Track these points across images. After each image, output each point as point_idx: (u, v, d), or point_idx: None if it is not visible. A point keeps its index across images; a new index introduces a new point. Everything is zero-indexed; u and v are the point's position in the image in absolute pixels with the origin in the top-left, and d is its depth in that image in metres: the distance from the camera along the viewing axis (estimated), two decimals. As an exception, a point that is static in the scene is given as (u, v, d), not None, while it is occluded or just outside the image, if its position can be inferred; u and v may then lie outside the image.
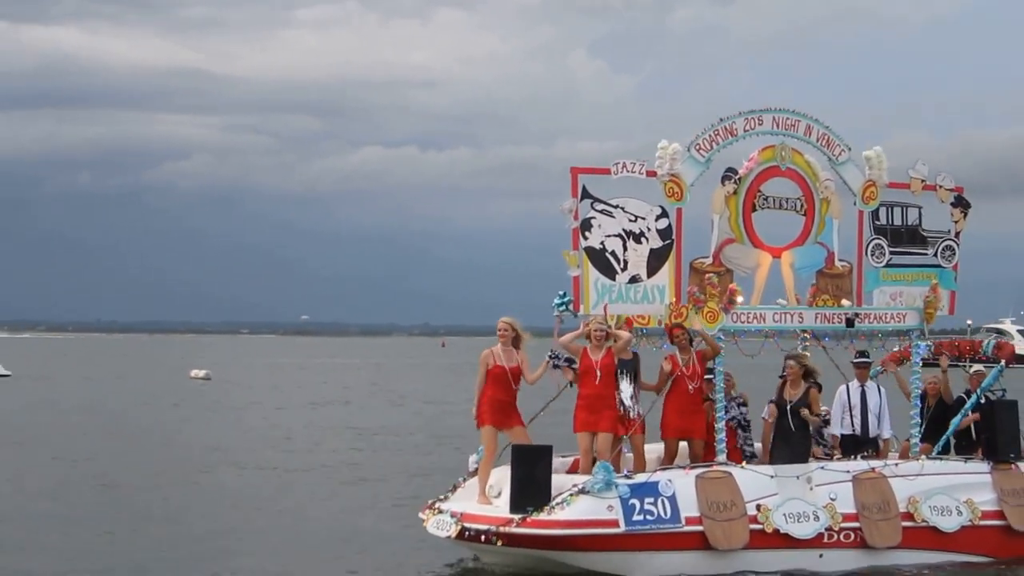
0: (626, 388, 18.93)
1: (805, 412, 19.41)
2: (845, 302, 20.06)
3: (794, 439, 19.53)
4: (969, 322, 24.39)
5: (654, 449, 19.67)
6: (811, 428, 19.65)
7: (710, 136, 19.45)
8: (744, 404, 19.87)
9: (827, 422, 20.15)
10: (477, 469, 19.07)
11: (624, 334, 18.61)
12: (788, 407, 19.51)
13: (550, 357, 18.80)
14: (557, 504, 17.77)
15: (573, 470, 19.12)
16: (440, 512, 18.54)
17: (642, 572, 18.07)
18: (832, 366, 21.40)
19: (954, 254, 21.32)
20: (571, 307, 18.78)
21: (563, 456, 19.23)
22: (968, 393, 21.16)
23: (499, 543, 17.81)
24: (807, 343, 21.60)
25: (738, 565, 18.47)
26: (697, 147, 19.39)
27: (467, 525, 17.99)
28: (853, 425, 20.49)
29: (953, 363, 21.35)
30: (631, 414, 18.94)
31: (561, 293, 18.81)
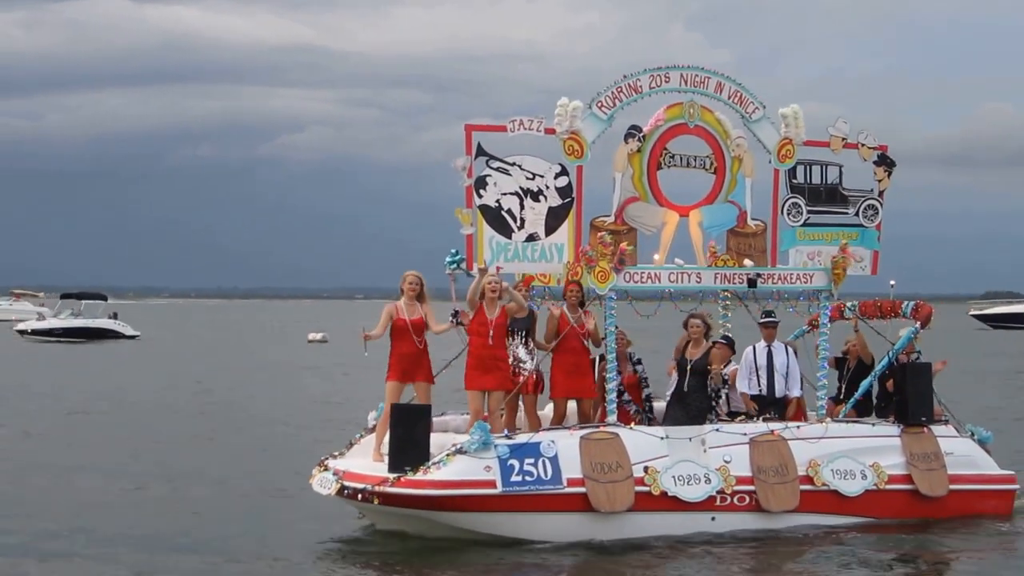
0: (521, 347, 18.45)
1: (715, 370, 18.83)
2: (748, 262, 19.42)
3: (690, 400, 19.05)
4: (892, 283, 23.48)
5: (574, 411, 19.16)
6: (710, 389, 19.06)
7: (613, 93, 18.92)
8: (639, 362, 19.33)
9: (726, 382, 19.50)
10: (375, 426, 18.67)
11: (519, 298, 18.11)
12: (688, 367, 18.96)
13: (452, 315, 18.34)
14: (434, 464, 17.36)
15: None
16: (326, 469, 18.19)
17: (521, 533, 17.73)
18: (755, 326, 20.73)
19: (877, 213, 20.65)
20: (463, 265, 18.30)
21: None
22: (908, 355, 20.52)
23: (375, 502, 17.45)
24: (728, 303, 21.02)
25: (624, 528, 18.07)
26: (599, 104, 18.86)
27: (346, 483, 17.71)
28: (760, 386, 19.91)
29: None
30: (525, 374, 18.42)
31: (453, 251, 18.38)
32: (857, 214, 20.58)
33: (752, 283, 19.33)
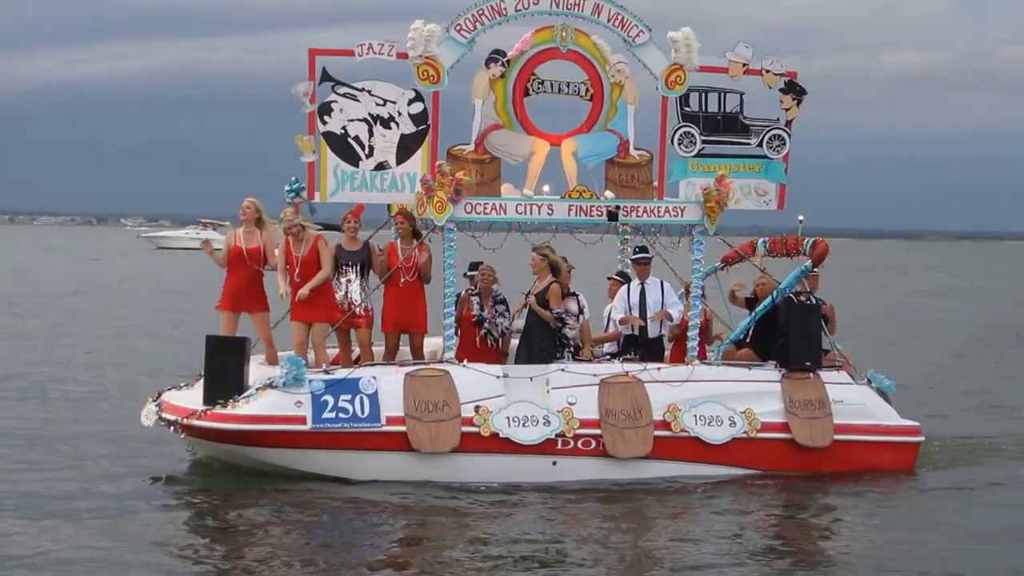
0: (354, 281, 17.48)
1: (533, 302, 17.91)
2: (608, 193, 18.02)
3: (533, 337, 17.79)
4: (800, 218, 21.46)
5: (431, 342, 18.18)
6: (554, 326, 17.82)
7: (474, 16, 17.66)
8: (503, 301, 18.15)
9: (563, 321, 18.13)
10: None
11: (325, 251, 17.29)
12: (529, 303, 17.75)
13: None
14: (244, 397, 16.56)
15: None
16: (155, 401, 17.53)
17: (334, 471, 16.82)
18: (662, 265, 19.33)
19: (784, 144, 19.00)
20: (303, 194, 17.35)
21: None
22: (797, 295, 18.86)
23: (183, 435, 16.75)
24: (627, 237, 19.63)
25: (452, 469, 17.11)
26: (458, 28, 17.60)
27: (163, 415, 16.98)
28: (632, 326, 18.46)
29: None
30: (358, 308, 17.45)
31: (292, 179, 17.41)
32: (760, 145, 18.95)
33: (612, 216, 17.92)
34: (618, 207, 17.94)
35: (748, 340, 19.06)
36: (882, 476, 18.35)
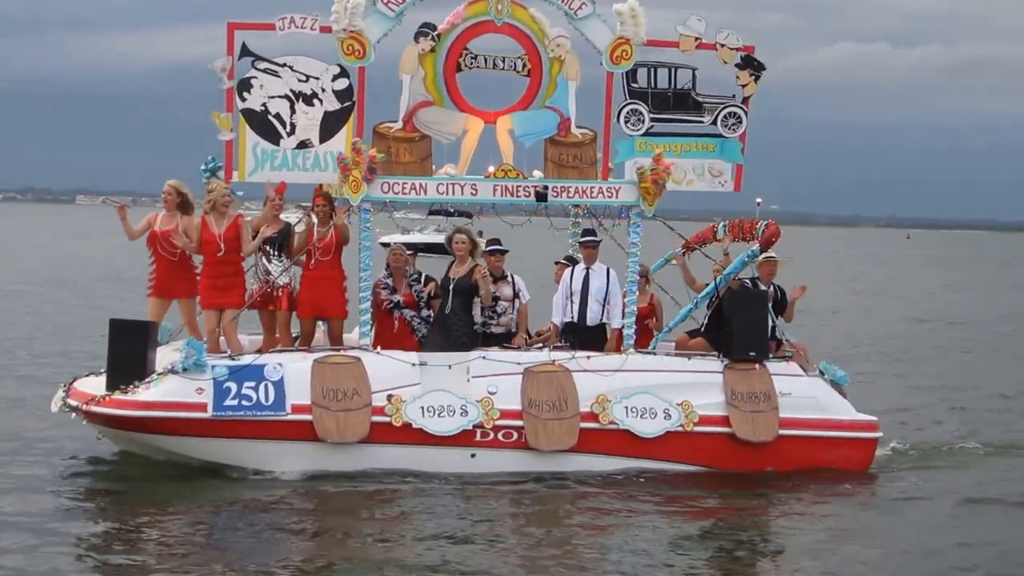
0: (274, 262, 16.73)
1: (481, 276, 16.87)
2: (537, 173, 17.03)
3: (453, 323, 16.88)
4: (758, 200, 20.07)
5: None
6: (485, 312, 16.91)
7: (403, -12, 16.66)
8: (419, 281, 17.24)
9: (498, 300, 17.18)
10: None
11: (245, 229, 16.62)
12: (451, 287, 16.82)
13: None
14: (144, 383, 15.92)
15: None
16: (66, 387, 16.95)
17: (237, 461, 16.17)
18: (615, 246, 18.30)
19: (740, 122, 17.81)
20: (219, 174, 16.63)
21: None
22: (754, 281, 17.74)
23: (84, 420, 16.16)
24: (577, 219, 18.62)
25: (362, 460, 16.33)
26: (385, 1, 16.61)
27: (68, 400, 16.39)
28: (572, 312, 17.46)
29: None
30: (278, 290, 16.71)
31: (209, 159, 16.71)
32: (715, 123, 17.76)
33: (541, 197, 16.92)
34: (546, 187, 16.91)
35: (703, 329, 17.92)
36: (832, 474, 17.17)
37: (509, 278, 17.49)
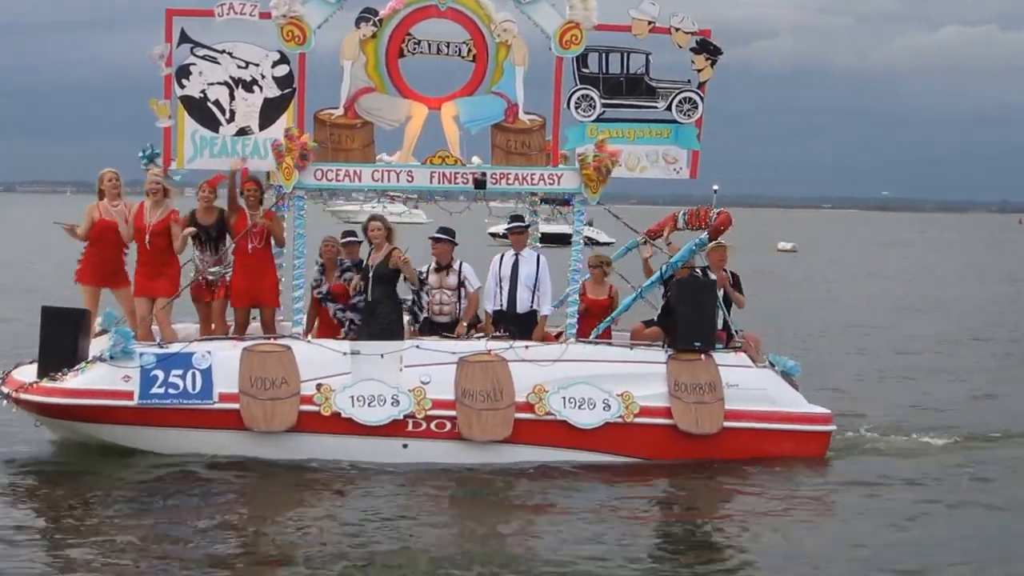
0: (206, 252, 16.54)
1: (402, 260, 16.51)
2: (476, 159, 16.64)
3: (380, 311, 16.54)
4: (715, 187, 18.87)
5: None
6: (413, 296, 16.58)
7: (344, -26, 16.38)
8: (349, 269, 16.91)
9: (423, 283, 16.79)
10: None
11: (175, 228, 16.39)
12: (370, 274, 16.48)
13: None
14: (74, 371, 15.83)
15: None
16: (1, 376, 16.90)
17: (163, 449, 16.04)
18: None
19: (696, 108, 17.24)
20: (158, 161, 16.49)
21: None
22: (704, 271, 17.20)
23: (14, 408, 16.12)
24: (535, 208, 18.18)
25: (291, 449, 16.09)
26: (326, -14, 16.36)
27: (1, 388, 16.34)
28: (501, 300, 17.02)
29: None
30: (214, 279, 16.55)
31: (147, 146, 16.56)
32: (669, 108, 17.20)
33: (480, 184, 16.52)
34: (484, 174, 16.49)
35: (657, 319, 17.38)
36: (780, 465, 16.59)
37: (456, 266, 17.05)
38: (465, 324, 17.04)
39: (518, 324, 16.99)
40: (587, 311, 17.45)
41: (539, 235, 18.16)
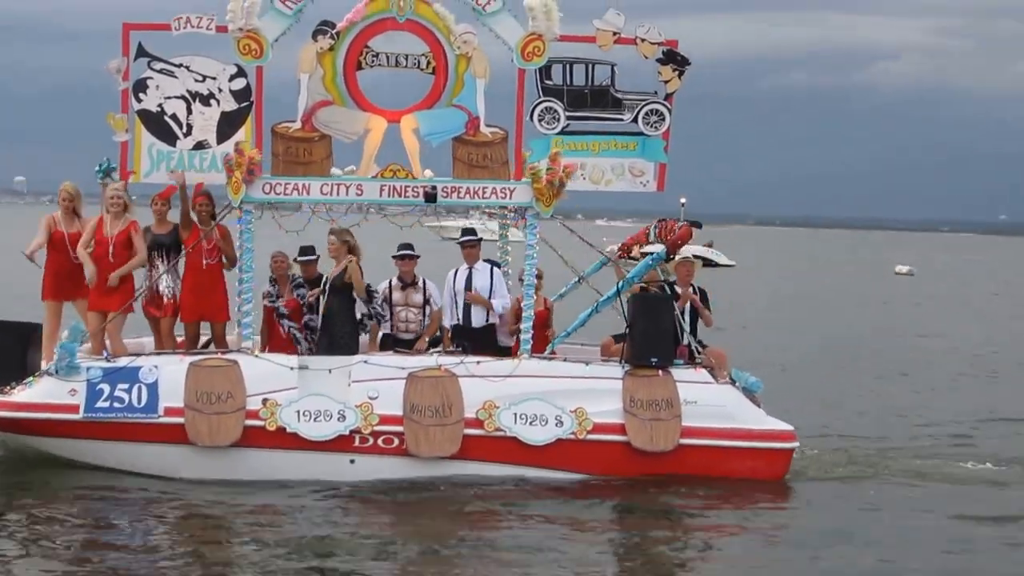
0: (160, 267, 16.39)
1: (352, 272, 16.14)
2: (427, 172, 16.27)
3: (333, 325, 16.20)
4: (683, 200, 18.10)
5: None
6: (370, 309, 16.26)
7: (300, -15, 16.19)
8: (302, 285, 16.60)
9: (372, 296, 16.44)
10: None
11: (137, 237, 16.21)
12: (327, 287, 16.20)
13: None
14: (21, 385, 15.74)
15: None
16: None
17: (111, 463, 15.89)
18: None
19: (663, 120, 16.74)
20: (114, 175, 16.42)
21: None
22: (671, 284, 16.68)
23: None
24: (506, 220, 17.80)
25: (237, 464, 15.79)
26: (283, -1, 16.16)
27: None
28: (457, 315, 16.63)
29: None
30: (166, 296, 16.35)
31: (103, 160, 16.47)
32: (636, 120, 16.73)
33: (430, 197, 16.16)
34: (435, 187, 16.11)
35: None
36: (739, 483, 16.04)
37: (420, 283, 16.70)
38: (427, 340, 16.63)
39: (476, 338, 16.56)
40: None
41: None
